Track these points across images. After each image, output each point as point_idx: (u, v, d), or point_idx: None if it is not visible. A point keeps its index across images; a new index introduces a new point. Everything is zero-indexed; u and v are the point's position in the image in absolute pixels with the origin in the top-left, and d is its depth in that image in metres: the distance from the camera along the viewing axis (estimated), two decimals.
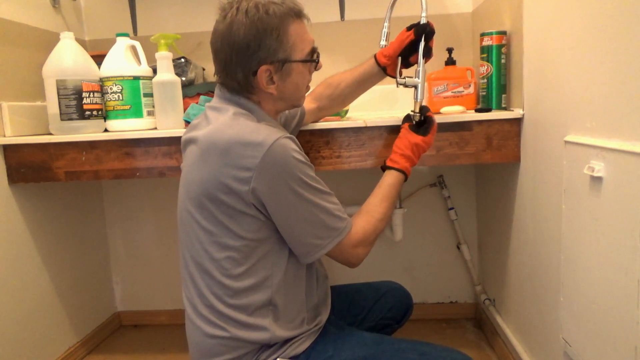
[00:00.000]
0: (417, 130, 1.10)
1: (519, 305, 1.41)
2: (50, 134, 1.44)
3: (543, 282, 1.18)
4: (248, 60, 0.90)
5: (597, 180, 0.85)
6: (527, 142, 1.26)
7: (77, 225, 1.82)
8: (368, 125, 1.28)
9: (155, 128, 1.43)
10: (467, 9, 1.76)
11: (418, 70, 1.13)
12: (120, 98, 1.43)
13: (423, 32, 1.12)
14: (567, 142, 0.98)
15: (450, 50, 1.48)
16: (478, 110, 1.33)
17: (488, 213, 1.72)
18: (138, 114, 1.45)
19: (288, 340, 0.95)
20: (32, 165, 1.42)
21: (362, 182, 1.67)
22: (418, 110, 1.13)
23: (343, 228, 0.92)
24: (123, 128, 1.43)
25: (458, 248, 1.88)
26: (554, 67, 1.05)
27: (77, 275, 1.80)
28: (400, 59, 1.16)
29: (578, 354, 0.97)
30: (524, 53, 1.23)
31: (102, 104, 1.47)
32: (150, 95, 1.44)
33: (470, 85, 1.43)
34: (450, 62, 1.48)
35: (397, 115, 1.24)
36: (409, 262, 1.94)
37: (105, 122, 1.47)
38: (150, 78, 1.45)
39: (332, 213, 0.91)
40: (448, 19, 1.76)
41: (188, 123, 1.35)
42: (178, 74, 1.46)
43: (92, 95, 1.44)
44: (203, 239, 0.91)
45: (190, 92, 1.56)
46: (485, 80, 1.38)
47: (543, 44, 1.11)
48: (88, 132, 1.43)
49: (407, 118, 1.15)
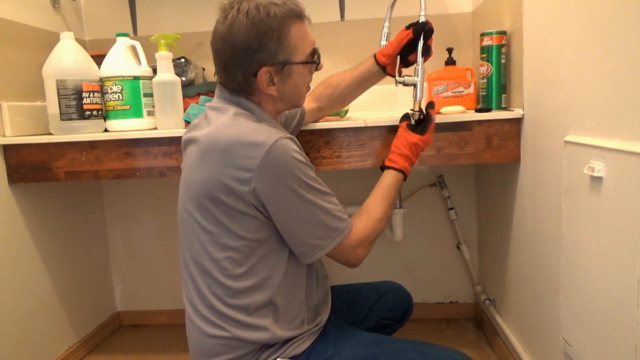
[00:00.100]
0: (414, 129, 1.10)
1: (519, 305, 1.41)
2: (50, 134, 1.44)
3: (543, 282, 1.18)
4: (248, 62, 0.90)
5: (597, 180, 0.85)
6: (527, 142, 1.26)
7: (77, 225, 1.82)
8: (368, 125, 1.28)
9: (155, 128, 1.43)
10: (467, 9, 1.76)
11: (417, 69, 1.13)
12: (120, 98, 1.43)
13: (422, 30, 1.11)
14: (567, 142, 0.98)
15: (450, 50, 1.48)
16: (478, 110, 1.33)
17: (488, 213, 1.72)
18: (138, 114, 1.45)
19: (288, 340, 0.95)
20: (32, 165, 1.42)
21: (362, 182, 1.67)
22: (417, 109, 1.13)
23: (343, 229, 0.92)
24: (123, 128, 1.43)
25: (458, 248, 1.88)
26: (554, 67, 1.05)
27: (77, 275, 1.80)
28: (400, 58, 1.16)
29: (578, 354, 0.97)
30: (524, 53, 1.23)
31: (102, 104, 1.47)
32: (150, 95, 1.44)
33: (470, 85, 1.43)
34: (450, 62, 1.48)
35: (397, 115, 1.24)
36: (409, 262, 1.94)
37: (105, 122, 1.47)
38: (150, 78, 1.45)
39: (332, 213, 0.91)
40: (448, 19, 1.76)
41: (188, 123, 1.35)
42: (178, 74, 1.46)
43: (92, 95, 1.44)
44: (203, 239, 0.91)
45: (190, 92, 1.56)
46: (485, 80, 1.38)
47: (543, 44, 1.11)
48: (88, 132, 1.43)
49: (405, 117, 1.15)
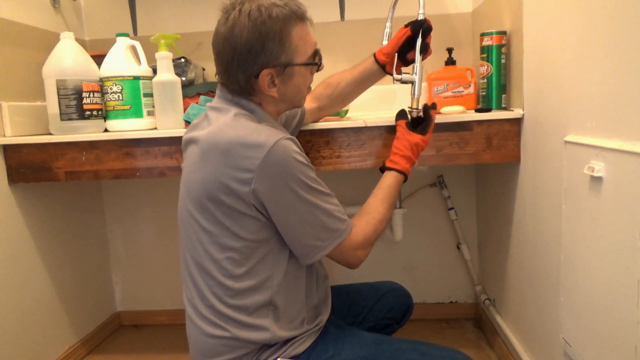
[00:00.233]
0: (414, 129, 1.10)
1: (519, 305, 1.41)
2: (50, 134, 1.44)
3: (543, 282, 1.18)
4: (250, 64, 0.90)
5: (597, 180, 0.85)
6: (527, 142, 1.26)
7: (77, 225, 1.82)
8: (368, 125, 1.28)
9: (155, 128, 1.43)
10: (467, 9, 1.76)
11: (415, 67, 1.13)
12: (120, 98, 1.43)
13: (420, 28, 1.11)
14: (567, 142, 0.98)
15: (450, 50, 1.48)
16: (478, 110, 1.33)
17: (488, 213, 1.72)
18: (138, 114, 1.45)
19: (288, 340, 0.95)
20: (32, 165, 1.42)
21: (362, 182, 1.67)
22: (415, 106, 1.13)
23: (343, 230, 0.92)
24: (123, 128, 1.43)
25: (458, 248, 1.88)
26: (554, 67, 1.05)
27: (77, 275, 1.80)
28: (399, 56, 1.16)
29: (578, 354, 0.97)
30: (524, 53, 1.23)
31: (102, 104, 1.47)
32: (150, 95, 1.44)
33: (470, 85, 1.43)
34: (450, 62, 1.48)
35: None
36: (409, 262, 1.94)
37: (105, 122, 1.47)
38: (150, 78, 1.45)
39: (332, 214, 0.91)
40: (448, 19, 1.76)
41: (188, 123, 1.35)
42: (178, 74, 1.46)
43: (92, 95, 1.44)
44: (203, 240, 0.91)
45: (190, 92, 1.56)
46: (485, 80, 1.38)
47: (543, 44, 1.12)
48: (88, 132, 1.43)
49: (401, 114, 1.15)
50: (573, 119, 0.97)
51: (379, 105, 1.76)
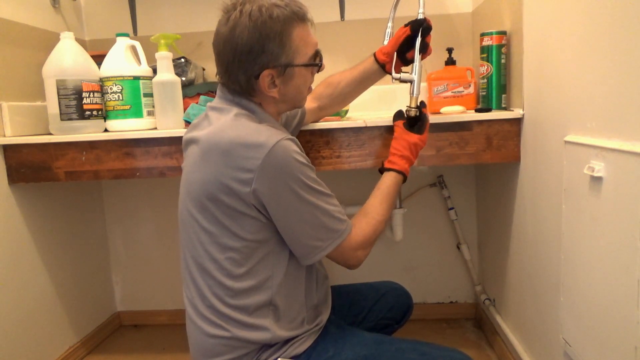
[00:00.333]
0: (412, 129, 1.10)
1: (519, 305, 1.41)
2: (50, 134, 1.44)
3: (543, 282, 1.18)
4: (250, 64, 0.90)
5: (597, 180, 0.85)
6: (527, 142, 1.26)
7: (77, 225, 1.82)
8: (368, 125, 1.29)
9: (155, 128, 1.43)
10: (467, 9, 1.76)
11: (414, 66, 1.13)
12: (120, 98, 1.43)
13: (419, 27, 1.12)
14: (567, 142, 0.98)
15: (450, 50, 1.48)
16: (478, 110, 1.33)
17: (488, 213, 1.72)
18: (138, 114, 1.45)
19: (289, 340, 0.95)
20: (32, 165, 1.42)
21: (362, 182, 1.67)
22: (414, 105, 1.13)
23: (343, 230, 0.92)
24: (123, 128, 1.43)
25: (458, 248, 1.89)
26: (554, 67, 1.05)
27: (77, 275, 1.80)
28: (399, 56, 1.16)
29: (578, 354, 0.97)
30: (524, 53, 1.23)
31: (102, 104, 1.47)
32: (150, 95, 1.44)
33: (470, 85, 1.43)
34: (450, 62, 1.48)
35: None
36: (409, 262, 1.94)
37: (105, 122, 1.47)
38: (150, 78, 1.45)
39: (332, 215, 0.91)
40: (448, 19, 1.77)
41: (188, 123, 1.35)
42: (178, 74, 1.46)
43: (92, 95, 1.44)
44: (204, 240, 0.91)
45: (190, 92, 1.56)
46: (485, 80, 1.38)
47: (543, 44, 1.12)
48: (88, 132, 1.43)
49: (398, 115, 1.15)
50: (573, 119, 0.97)
51: (379, 105, 1.76)
